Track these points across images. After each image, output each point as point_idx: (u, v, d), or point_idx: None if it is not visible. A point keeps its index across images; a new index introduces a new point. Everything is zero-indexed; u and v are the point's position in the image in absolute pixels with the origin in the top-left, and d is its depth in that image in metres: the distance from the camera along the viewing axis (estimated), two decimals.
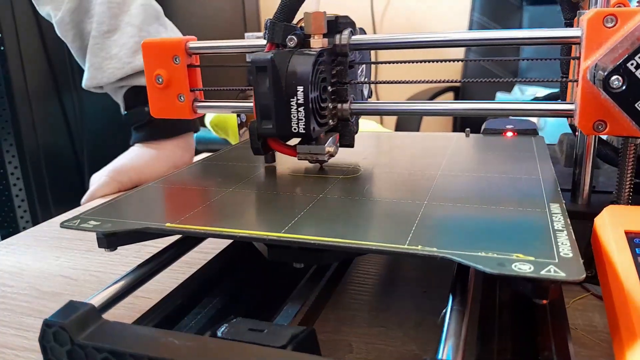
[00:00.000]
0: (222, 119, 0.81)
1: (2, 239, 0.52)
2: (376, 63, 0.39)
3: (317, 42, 0.33)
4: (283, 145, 0.35)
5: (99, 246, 0.27)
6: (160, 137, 0.68)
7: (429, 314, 0.33)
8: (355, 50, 0.35)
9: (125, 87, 0.66)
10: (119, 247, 0.46)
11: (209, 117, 0.84)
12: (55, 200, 0.75)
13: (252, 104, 0.33)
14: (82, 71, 0.74)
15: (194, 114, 0.39)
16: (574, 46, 0.33)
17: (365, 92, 0.40)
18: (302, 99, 0.31)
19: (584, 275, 0.19)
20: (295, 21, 0.35)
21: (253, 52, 0.32)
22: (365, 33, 0.37)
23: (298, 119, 0.31)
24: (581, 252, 0.22)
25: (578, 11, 0.34)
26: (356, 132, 0.38)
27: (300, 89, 0.31)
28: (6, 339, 0.33)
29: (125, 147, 0.71)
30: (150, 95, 0.39)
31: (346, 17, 0.34)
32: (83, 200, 0.65)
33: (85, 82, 0.67)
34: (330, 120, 0.35)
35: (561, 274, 0.19)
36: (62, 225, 0.28)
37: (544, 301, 0.21)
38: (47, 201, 0.74)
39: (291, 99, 0.31)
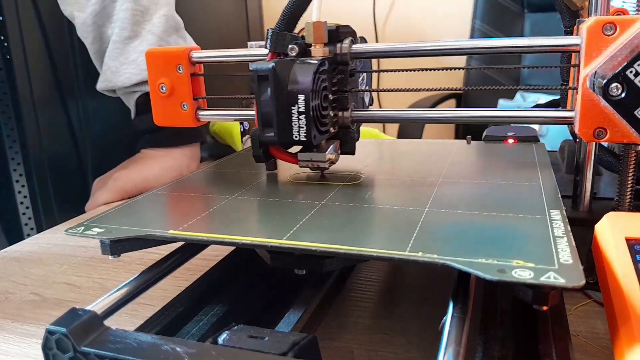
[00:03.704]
0: (224, 126, 0.82)
1: (7, 245, 0.52)
2: (377, 71, 0.39)
3: (318, 51, 0.33)
4: (284, 153, 0.36)
5: (103, 253, 0.28)
6: (168, 145, 0.68)
7: (432, 320, 0.33)
8: (356, 59, 0.36)
9: (138, 92, 0.67)
10: (122, 254, 0.46)
11: (211, 124, 0.84)
12: (59, 208, 0.75)
13: (254, 112, 0.33)
14: (87, 79, 0.75)
15: (197, 122, 0.39)
16: (573, 54, 0.33)
17: (367, 100, 0.41)
18: (303, 107, 0.31)
19: (584, 282, 0.19)
20: (296, 31, 0.35)
21: (256, 61, 0.33)
22: (366, 42, 0.37)
23: (299, 127, 0.32)
24: (582, 259, 0.22)
25: (578, 19, 0.34)
26: (357, 140, 0.38)
27: (301, 97, 0.31)
28: (9, 347, 0.33)
29: (129, 155, 0.71)
30: (153, 104, 0.39)
31: (347, 26, 0.35)
32: (87, 207, 0.66)
33: (100, 85, 0.68)
34: (332, 128, 0.35)
35: (561, 280, 0.19)
36: (67, 232, 0.28)
37: (544, 307, 0.21)
38: (51, 208, 0.74)
39: (292, 107, 0.31)
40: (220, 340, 0.22)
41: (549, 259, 0.21)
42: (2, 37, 0.67)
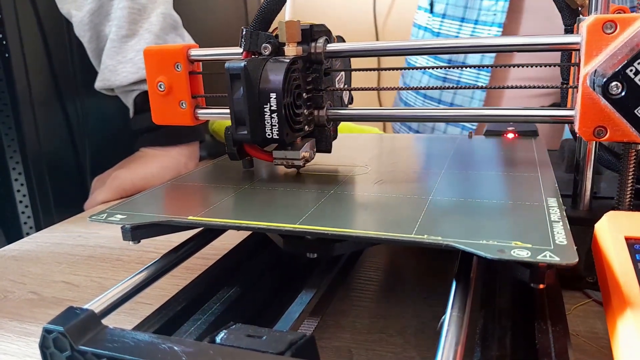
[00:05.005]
0: (223, 125, 0.81)
1: (6, 244, 0.52)
2: (351, 70, 0.39)
3: (291, 50, 0.33)
4: (259, 151, 0.36)
5: (124, 239, 0.29)
6: (166, 143, 0.68)
7: (430, 320, 0.33)
8: (331, 57, 0.36)
9: (136, 90, 0.67)
10: (121, 253, 0.46)
11: (210, 123, 0.84)
12: (57, 206, 0.75)
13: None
14: (85, 78, 0.75)
15: (195, 120, 0.39)
16: (574, 52, 0.33)
17: (346, 99, 0.41)
18: (275, 106, 0.31)
19: (577, 260, 0.21)
20: (271, 30, 0.35)
21: (231, 60, 0.33)
22: (344, 41, 0.37)
23: (272, 125, 0.32)
24: (582, 259, 0.22)
25: (578, 17, 0.34)
26: (334, 138, 0.38)
27: (273, 95, 0.31)
28: (8, 346, 0.33)
29: (127, 154, 0.71)
30: (152, 102, 0.39)
31: (322, 25, 0.35)
32: (85, 205, 0.66)
33: (98, 84, 0.68)
34: (306, 126, 0.35)
35: (556, 259, 0.21)
36: (90, 218, 0.29)
37: (541, 286, 0.22)
38: (50, 207, 0.74)
39: (264, 106, 0.32)
40: (218, 339, 0.21)
41: (545, 240, 0.23)
42: (0, 35, 0.67)
